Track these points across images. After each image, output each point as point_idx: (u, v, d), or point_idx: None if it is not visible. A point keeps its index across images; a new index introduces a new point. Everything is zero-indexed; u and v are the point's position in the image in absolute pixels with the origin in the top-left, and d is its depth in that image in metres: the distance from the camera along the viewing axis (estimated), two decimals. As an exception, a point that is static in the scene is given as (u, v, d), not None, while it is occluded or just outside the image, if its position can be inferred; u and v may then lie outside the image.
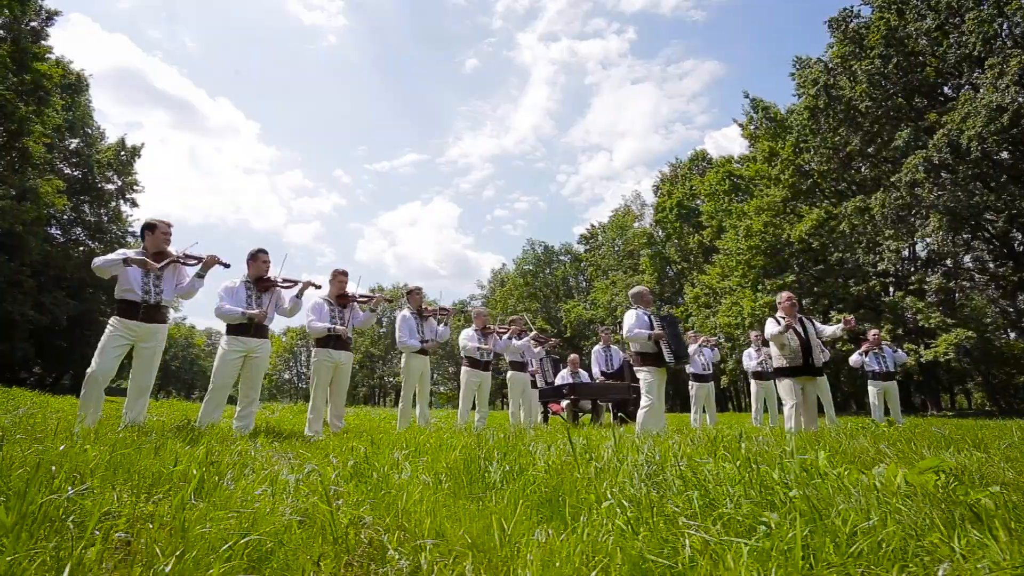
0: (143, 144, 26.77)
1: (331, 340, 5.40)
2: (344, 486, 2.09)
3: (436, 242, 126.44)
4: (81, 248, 26.00)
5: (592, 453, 2.30)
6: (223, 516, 1.27)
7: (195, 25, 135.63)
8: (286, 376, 62.82)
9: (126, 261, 4.15)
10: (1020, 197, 19.87)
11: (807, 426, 6.30)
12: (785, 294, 6.44)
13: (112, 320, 4.21)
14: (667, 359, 5.47)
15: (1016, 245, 23.68)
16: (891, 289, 23.50)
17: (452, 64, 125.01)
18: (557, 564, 1.10)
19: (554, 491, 1.73)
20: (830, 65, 21.56)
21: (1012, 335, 25.28)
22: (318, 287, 5.43)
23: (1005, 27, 18.37)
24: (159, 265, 4.31)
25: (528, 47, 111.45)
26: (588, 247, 50.24)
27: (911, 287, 20.61)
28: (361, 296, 5.76)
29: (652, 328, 5.46)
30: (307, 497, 1.70)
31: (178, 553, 1.01)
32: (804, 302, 23.66)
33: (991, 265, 24.99)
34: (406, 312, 6.31)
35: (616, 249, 44.25)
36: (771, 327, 6.17)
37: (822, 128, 22.05)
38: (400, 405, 6.09)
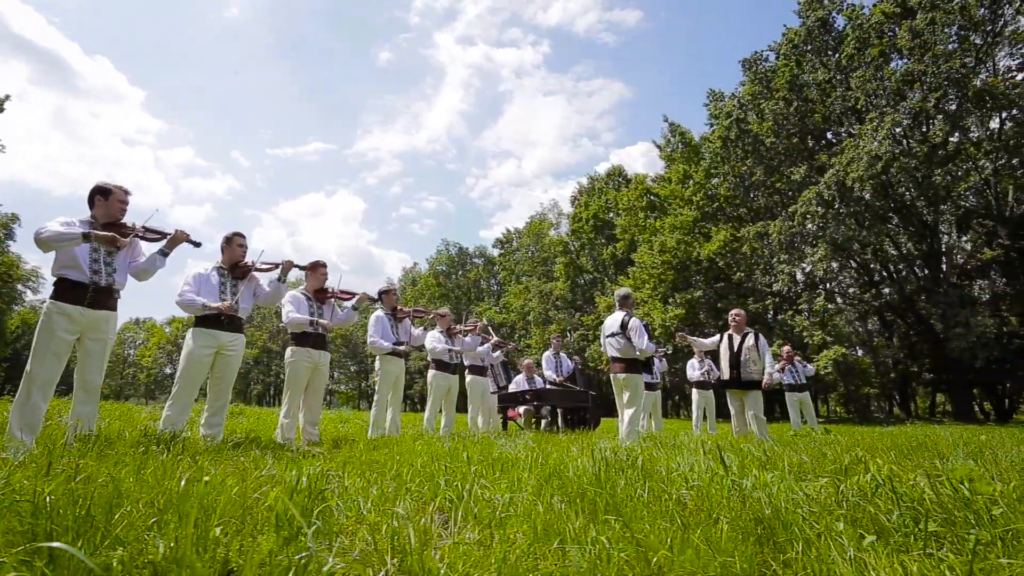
0: (7, 97, 22.65)
1: (310, 338, 4.90)
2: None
3: (339, 235, 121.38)
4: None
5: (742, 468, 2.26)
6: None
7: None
8: (168, 371, 56.17)
9: (87, 236, 3.33)
10: (882, 234, 23.17)
11: (738, 434, 6.77)
12: (733, 311, 6.86)
13: (50, 305, 3.36)
14: (652, 366, 5.64)
15: (874, 276, 27.61)
16: (775, 310, 26.26)
17: (366, 55, 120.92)
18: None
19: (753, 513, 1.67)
20: (742, 101, 23.67)
21: (860, 352, 29.40)
22: (303, 269, 4.93)
23: (882, 88, 21.33)
24: (125, 240, 3.54)
25: (445, 47, 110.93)
26: (503, 251, 50.73)
27: (799, 308, 23.12)
28: (342, 292, 5.30)
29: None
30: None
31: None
32: (705, 317, 25.72)
33: (854, 291, 28.92)
34: (380, 313, 5.92)
35: (531, 255, 45.12)
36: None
37: (732, 157, 24.14)
38: (373, 411, 5.67)
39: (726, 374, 6.46)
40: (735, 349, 6.38)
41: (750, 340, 6.33)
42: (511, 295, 43.49)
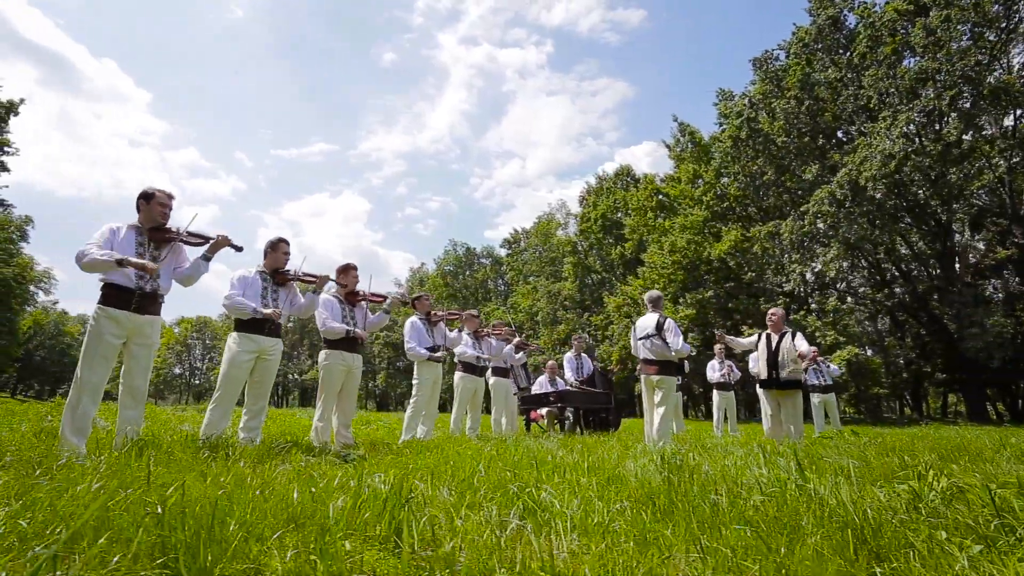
0: (22, 100, 22.79)
1: (344, 341, 4.91)
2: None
3: (343, 236, 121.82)
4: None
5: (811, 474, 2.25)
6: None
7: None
8: (176, 371, 56.47)
9: (121, 263, 3.33)
10: (895, 233, 23.02)
11: (770, 435, 6.72)
12: (772, 310, 6.81)
13: (98, 310, 3.39)
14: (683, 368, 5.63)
15: (887, 275, 27.44)
16: (786, 311, 26.12)
17: (366, 55, 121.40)
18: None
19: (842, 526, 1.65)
20: (753, 100, 23.57)
21: (871, 352, 29.24)
22: (344, 286, 4.97)
23: (895, 86, 21.19)
24: (155, 266, 3.53)
25: (448, 48, 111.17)
26: (510, 251, 50.74)
27: (811, 307, 23.01)
28: (373, 295, 5.31)
29: (677, 340, 5.54)
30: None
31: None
32: (715, 317, 25.61)
33: (866, 290, 28.76)
34: (415, 318, 5.93)
35: (539, 255, 45.09)
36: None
37: (742, 157, 24.04)
38: (408, 412, 5.68)
39: (764, 374, 6.38)
40: (773, 348, 6.32)
41: (788, 340, 6.25)
42: (519, 295, 43.48)
